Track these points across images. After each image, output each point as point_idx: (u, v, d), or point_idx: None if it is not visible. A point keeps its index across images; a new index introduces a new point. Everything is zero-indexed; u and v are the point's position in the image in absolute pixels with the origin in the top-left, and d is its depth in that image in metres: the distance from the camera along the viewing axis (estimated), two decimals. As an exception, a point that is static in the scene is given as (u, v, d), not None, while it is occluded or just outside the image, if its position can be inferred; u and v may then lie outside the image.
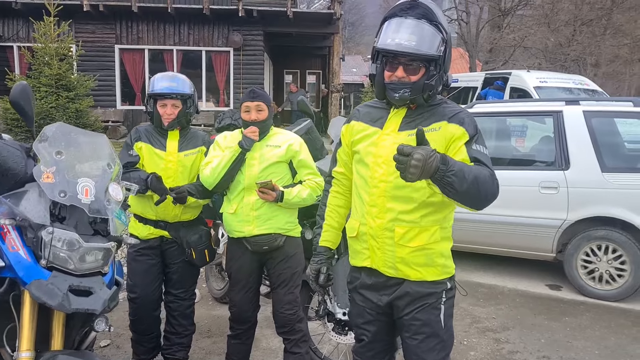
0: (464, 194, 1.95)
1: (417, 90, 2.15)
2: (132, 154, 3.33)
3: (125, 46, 16.12)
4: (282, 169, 3.29)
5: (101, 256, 2.41)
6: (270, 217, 3.26)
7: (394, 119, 2.27)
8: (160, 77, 3.38)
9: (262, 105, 3.24)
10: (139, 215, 3.40)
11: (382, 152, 2.25)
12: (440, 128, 2.18)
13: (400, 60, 2.13)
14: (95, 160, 2.53)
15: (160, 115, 3.32)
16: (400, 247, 2.22)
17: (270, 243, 3.29)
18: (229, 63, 16.38)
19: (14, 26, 15.67)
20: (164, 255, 3.48)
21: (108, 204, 2.45)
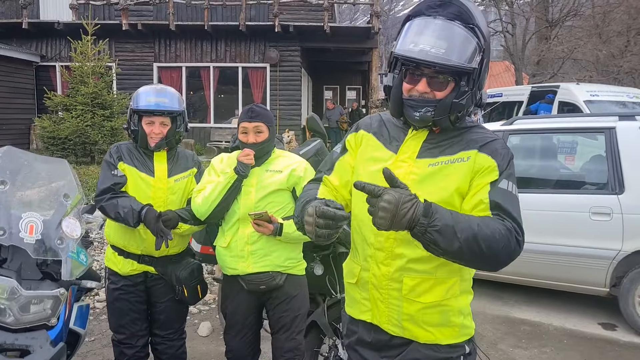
0: (456, 254, 1.57)
1: (443, 110, 1.72)
2: (118, 174, 2.90)
3: (163, 64, 16.19)
4: (283, 198, 2.88)
5: (49, 305, 2.03)
6: (267, 253, 2.84)
7: (412, 142, 1.83)
8: (147, 91, 2.97)
9: (261, 126, 2.84)
10: (119, 248, 3.00)
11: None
12: (469, 159, 1.74)
13: (424, 71, 1.71)
14: (49, 190, 2.17)
15: (147, 134, 2.92)
16: (409, 302, 1.80)
17: (268, 282, 2.88)
18: (265, 79, 16.20)
19: (57, 46, 15.96)
20: (149, 293, 3.09)
21: (60, 242, 2.08)
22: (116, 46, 15.68)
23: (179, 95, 3.05)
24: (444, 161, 1.76)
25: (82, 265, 2.18)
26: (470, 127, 1.84)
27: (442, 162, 1.77)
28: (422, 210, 1.52)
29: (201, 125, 16.24)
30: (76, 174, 2.29)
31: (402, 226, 1.51)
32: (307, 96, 19.43)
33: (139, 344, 3.05)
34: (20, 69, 15.46)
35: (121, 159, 2.94)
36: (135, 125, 2.95)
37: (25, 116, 14.85)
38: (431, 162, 1.77)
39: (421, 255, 1.76)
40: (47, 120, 12.13)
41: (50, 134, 11.95)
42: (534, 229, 4.60)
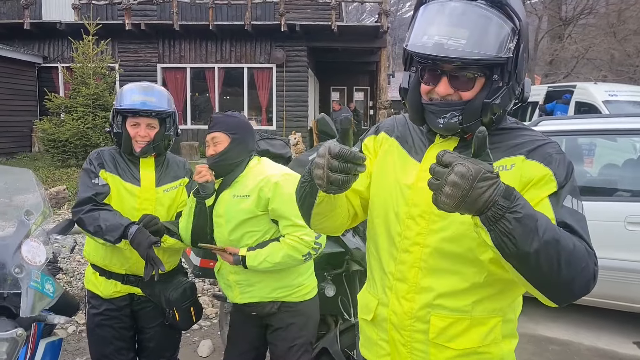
0: (530, 260, 1.19)
1: (473, 113, 1.38)
2: (99, 183, 2.51)
3: (167, 65, 15.87)
4: (260, 225, 2.46)
5: (5, 348, 1.65)
6: (252, 284, 2.50)
7: (438, 149, 1.42)
8: (132, 89, 2.59)
9: (218, 136, 2.43)
10: (100, 268, 2.62)
11: (419, 198, 1.44)
12: (513, 167, 1.36)
13: (444, 68, 1.37)
14: (7, 207, 1.79)
15: (131, 137, 2.54)
16: (437, 347, 1.45)
17: (259, 310, 2.55)
18: (271, 80, 15.84)
19: (59, 47, 15.67)
20: (135, 317, 2.71)
21: (19, 271, 1.70)
22: (119, 47, 15.37)
23: (168, 95, 2.67)
24: None
25: (48, 297, 1.80)
26: (513, 129, 1.47)
27: None
28: (504, 191, 1.16)
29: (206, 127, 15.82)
30: (42, 187, 1.90)
31: (475, 208, 1.15)
32: (314, 97, 19.06)
33: None
34: (22, 71, 15.17)
35: (103, 167, 2.56)
36: (118, 127, 2.57)
37: (27, 118, 14.56)
38: None
39: (453, 288, 1.41)
40: (47, 123, 11.83)
41: (50, 136, 11.65)
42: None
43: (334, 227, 1.60)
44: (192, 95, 16.15)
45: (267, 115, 16.14)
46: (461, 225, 1.39)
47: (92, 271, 2.65)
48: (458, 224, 1.40)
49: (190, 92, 16.01)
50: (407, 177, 1.50)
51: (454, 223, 1.40)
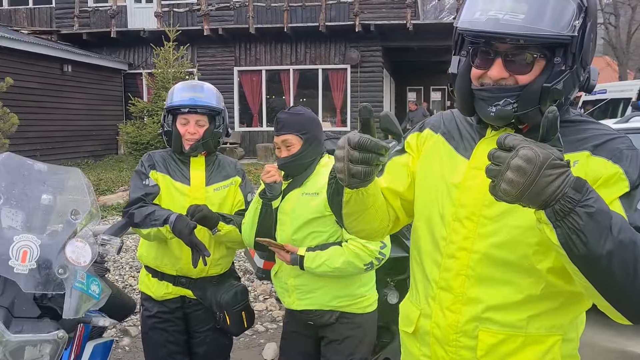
0: (601, 263, 1.02)
1: (530, 100, 1.20)
2: (149, 184, 2.51)
3: (243, 68, 16.17)
4: (326, 226, 2.32)
5: (48, 350, 1.63)
6: (312, 289, 2.35)
7: (489, 144, 1.26)
8: (182, 87, 2.58)
9: (289, 139, 2.30)
10: (152, 269, 2.60)
11: (467, 198, 1.29)
12: (576, 163, 1.18)
13: (498, 48, 1.21)
14: (53, 207, 1.77)
15: (181, 135, 2.51)
16: None
17: (317, 319, 2.40)
18: (345, 81, 15.76)
19: (143, 53, 16.35)
20: (186, 320, 2.66)
21: (62, 271, 1.67)
22: (198, 51, 15.84)
23: (218, 93, 2.64)
24: None
25: (93, 298, 1.76)
26: (577, 122, 1.28)
27: None
28: (575, 183, 1.00)
29: (281, 129, 16.05)
30: (91, 186, 1.88)
31: (540, 199, 1.00)
32: (390, 98, 18.79)
33: None
34: (109, 77, 16.01)
35: (153, 167, 2.56)
36: (169, 126, 2.56)
37: (114, 122, 15.30)
38: None
39: (505, 300, 1.24)
40: (130, 126, 12.36)
41: (133, 139, 12.17)
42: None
43: (371, 230, 1.46)
44: (267, 97, 16.37)
45: (342, 116, 16.08)
46: (514, 230, 1.22)
47: (145, 273, 2.64)
48: (511, 228, 1.22)
49: (265, 95, 16.23)
50: (454, 175, 1.33)
51: (506, 227, 1.23)
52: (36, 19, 17.17)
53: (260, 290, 5.53)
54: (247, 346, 4.47)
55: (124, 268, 6.24)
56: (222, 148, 12.18)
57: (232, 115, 16.03)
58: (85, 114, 14.85)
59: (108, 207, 8.84)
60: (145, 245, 2.60)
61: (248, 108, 16.42)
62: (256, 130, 16.11)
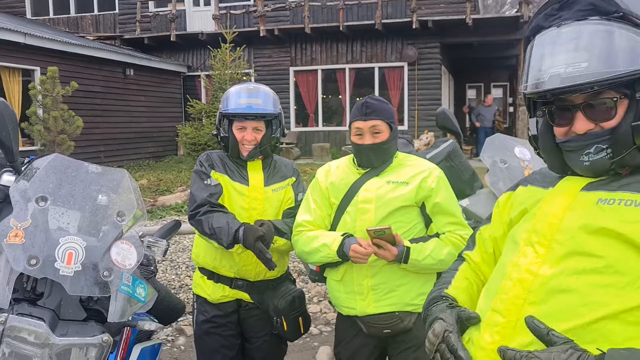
0: None
1: (623, 142, 1.13)
2: (212, 184, 2.47)
3: (299, 68, 16.18)
4: (410, 217, 2.24)
5: (94, 353, 1.60)
6: (393, 288, 2.21)
7: (576, 182, 1.22)
8: (238, 91, 2.52)
9: (379, 125, 2.23)
10: (209, 271, 2.56)
11: (541, 224, 1.19)
12: None
13: (575, 102, 1.17)
14: (99, 208, 1.74)
15: (238, 141, 2.47)
16: None
17: (395, 326, 2.24)
18: (402, 79, 15.50)
19: (201, 56, 16.66)
20: (242, 326, 2.60)
21: (108, 274, 1.64)
22: (254, 52, 15.99)
23: (274, 96, 2.57)
24: (625, 200, 1.08)
25: (139, 302, 1.72)
26: None
27: (620, 200, 1.09)
28: None
29: (337, 128, 15.97)
30: (137, 188, 1.84)
31: None
32: (448, 95, 18.37)
33: None
34: (169, 80, 16.41)
35: (213, 167, 2.52)
36: (225, 131, 2.51)
37: (174, 124, 15.67)
38: (603, 196, 1.11)
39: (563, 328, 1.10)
40: (189, 127, 12.61)
41: (192, 140, 12.41)
42: None
43: None
44: (323, 97, 16.32)
45: (399, 115, 15.81)
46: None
47: (199, 275, 2.60)
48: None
49: (321, 94, 16.19)
50: (532, 208, 1.27)
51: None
52: (101, 24, 17.82)
53: (315, 292, 5.45)
54: (300, 349, 4.40)
55: (180, 268, 6.31)
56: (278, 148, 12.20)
57: (288, 115, 16.08)
58: (147, 116, 15.28)
59: (167, 207, 9.01)
60: (202, 246, 2.55)
61: (304, 108, 16.43)
62: (312, 130, 16.09)
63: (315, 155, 14.96)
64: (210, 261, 2.54)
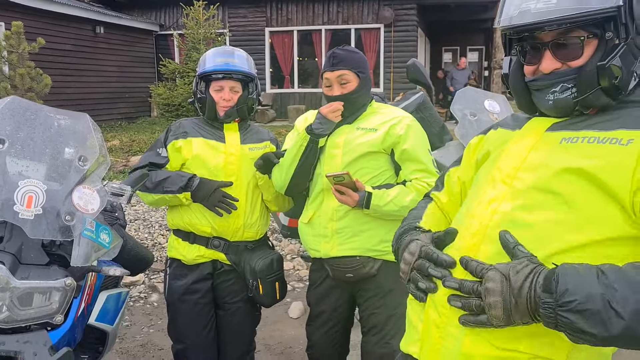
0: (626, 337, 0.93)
1: (588, 81, 1.13)
2: (161, 154, 2.49)
3: (275, 28, 15.91)
4: (378, 163, 2.26)
5: (57, 297, 1.58)
6: (356, 233, 2.24)
7: (544, 118, 1.24)
8: (214, 53, 2.53)
9: (346, 75, 2.24)
10: (184, 232, 2.53)
11: (505, 162, 1.21)
12: (630, 142, 1.07)
13: (543, 39, 1.18)
14: (60, 151, 1.70)
15: (215, 101, 2.46)
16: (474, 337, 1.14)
17: (357, 270, 2.28)
18: (379, 41, 15.38)
19: (174, 14, 16.26)
20: (215, 291, 2.58)
21: (70, 218, 1.61)
22: (229, 12, 15.64)
23: (250, 58, 2.58)
24: (588, 137, 1.10)
25: (103, 247, 1.70)
26: None
27: (584, 138, 1.10)
28: (543, 282, 0.98)
29: (313, 90, 15.86)
30: (100, 132, 1.80)
31: (525, 314, 1.01)
32: (424, 58, 18.32)
33: (204, 357, 2.56)
34: (141, 38, 16.01)
35: (183, 136, 2.49)
36: (202, 93, 2.50)
37: (146, 84, 15.35)
38: (567, 135, 1.13)
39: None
40: (162, 88, 12.38)
41: (165, 100, 12.20)
42: None
43: None
44: (299, 58, 16.14)
45: (375, 77, 15.74)
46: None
47: (174, 238, 2.57)
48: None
49: (297, 56, 16.00)
50: (499, 151, 1.29)
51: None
52: (68, -20, 17.21)
53: (288, 250, 5.50)
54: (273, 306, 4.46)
55: (153, 226, 6.28)
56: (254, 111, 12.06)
57: (264, 77, 15.89)
58: (118, 76, 14.93)
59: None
60: (177, 206, 2.51)
61: (280, 70, 16.24)
62: (288, 91, 15.95)
63: (290, 117, 14.87)
64: (187, 219, 2.49)
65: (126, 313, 4.24)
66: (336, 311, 2.43)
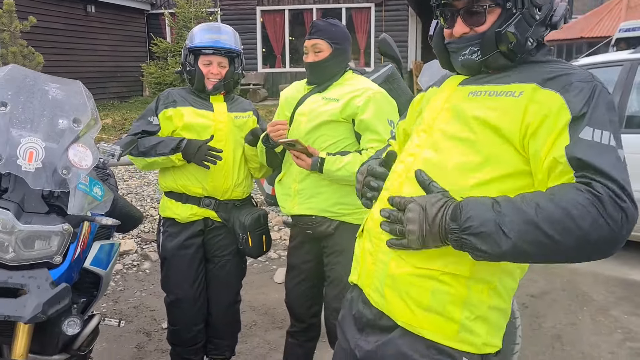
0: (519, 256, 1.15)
1: (489, 45, 1.33)
2: (153, 122, 2.67)
3: (266, 7, 15.96)
4: (337, 132, 2.44)
5: (56, 241, 1.81)
6: (313, 195, 2.46)
7: (460, 75, 1.46)
8: (203, 29, 2.68)
9: (319, 44, 2.43)
10: (176, 193, 2.73)
11: (427, 114, 1.46)
12: (521, 94, 1.26)
13: (457, 7, 1.36)
14: (56, 114, 1.91)
15: (204, 75, 2.63)
16: (396, 259, 1.37)
17: (314, 228, 2.50)
18: (369, 20, 15.48)
19: (165, -7, 16.28)
20: (205, 247, 2.81)
21: (66, 172, 1.83)
22: (221, -9, 15.69)
23: (236, 34, 2.75)
24: (489, 91, 1.31)
25: (96, 199, 1.92)
26: (547, 62, 1.35)
27: (486, 92, 1.32)
28: (451, 212, 1.17)
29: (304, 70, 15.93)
30: (92, 98, 2.01)
31: (437, 238, 1.20)
32: (415, 38, 18.38)
33: (194, 307, 2.79)
34: (133, 17, 16.03)
35: (173, 105, 2.67)
36: (191, 65, 2.67)
37: (138, 63, 15.43)
38: (473, 89, 1.35)
39: None
40: (153, 67, 12.49)
41: (157, 79, 12.33)
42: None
43: None
44: (291, 38, 16.21)
45: (366, 57, 15.89)
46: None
47: (167, 199, 2.77)
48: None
49: (288, 35, 16.08)
50: (424, 106, 1.53)
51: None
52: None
53: (275, 222, 5.73)
54: (259, 271, 4.70)
55: (145, 200, 6.50)
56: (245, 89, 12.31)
57: (255, 57, 15.98)
58: (110, 55, 14.99)
59: (132, 144, 9.08)
60: (169, 169, 2.71)
61: (271, 49, 16.32)
62: (279, 71, 16.05)
63: (282, 97, 14.99)
64: (180, 180, 2.69)
65: (119, 279, 4.48)
66: (305, 264, 2.63)
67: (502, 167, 1.26)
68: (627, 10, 21.20)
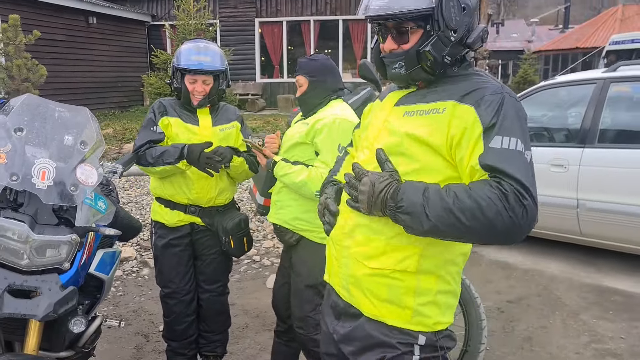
0: (437, 233, 1.41)
1: (411, 61, 1.56)
2: (157, 131, 2.92)
3: (264, 19, 16.28)
4: (305, 153, 2.67)
5: (65, 250, 2.06)
6: (283, 207, 2.73)
7: (397, 93, 1.70)
8: (189, 49, 2.90)
9: (299, 80, 2.72)
10: (164, 200, 3.01)
11: (370, 132, 1.72)
12: (444, 110, 1.50)
13: (387, 26, 1.60)
14: (66, 138, 2.17)
15: (190, 92, 2.89)
16: (355, 262, 1.65)
17: (281, 236, 2.78)
18: (365, 32, 15.78)
19: (166, 5, 16.60)
20: (194, 245, 3.09)
21: (74, 189, 2.09)
22: (219, 3, 16.00)
23: (221, 53, 2.98)
24: (419, 111, 1.56)
25: (100, 212, 2.18)
26: (466, 75, 1.59)
27: (417, 111, 1.57)
28: (393, 191, 1.42)
29: (301, 80, 16.22)
30: (97, 122, 2.28)
31: (379, 210, 1.46)
32: (411, 49, 18.69)
33: (186, 299, 3.06)
34: (133, 29, 16.34)
35: (165, 114, 2.94)
36: (178, 82, 2.92)
37: (139, 74, 15.73)
38: (408, 109, 1.59)
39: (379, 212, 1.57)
40: (154, 77, 12.76)
41: (157, 90, 12.59)
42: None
43: None
44: (289, 48, 16.52)
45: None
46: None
47: (157, 204, 3.04)
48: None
49: (287, 46, 16.38)
50: (371, 120, 1.77)
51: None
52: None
53: (269, 230, 5.97)
54: (253, 277, 4.94)
55: (145, 208, 6.75)
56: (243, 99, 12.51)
57: (254, 67, 16.28)
58: (111, 66, 15.30)
59: (132, 154, 9.33)
60: (159, 180, 2.97)
61: (269, 60, 16.62)
62: (277, 81, 16.35)
63: (280, 107, 15.29)
64: (167, 190, 2.97)
65: (120, 284, 4.73)
66: (283, 269, 2.88)
67: (435, 175, 1.50)
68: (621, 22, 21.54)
